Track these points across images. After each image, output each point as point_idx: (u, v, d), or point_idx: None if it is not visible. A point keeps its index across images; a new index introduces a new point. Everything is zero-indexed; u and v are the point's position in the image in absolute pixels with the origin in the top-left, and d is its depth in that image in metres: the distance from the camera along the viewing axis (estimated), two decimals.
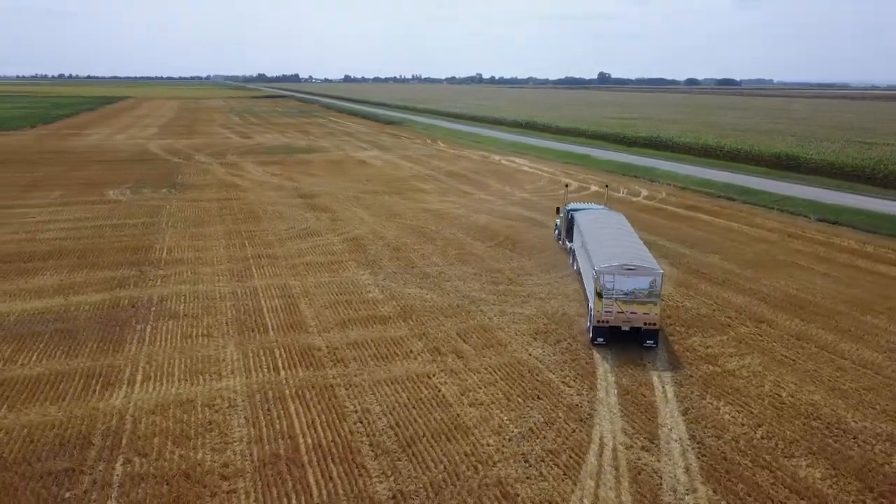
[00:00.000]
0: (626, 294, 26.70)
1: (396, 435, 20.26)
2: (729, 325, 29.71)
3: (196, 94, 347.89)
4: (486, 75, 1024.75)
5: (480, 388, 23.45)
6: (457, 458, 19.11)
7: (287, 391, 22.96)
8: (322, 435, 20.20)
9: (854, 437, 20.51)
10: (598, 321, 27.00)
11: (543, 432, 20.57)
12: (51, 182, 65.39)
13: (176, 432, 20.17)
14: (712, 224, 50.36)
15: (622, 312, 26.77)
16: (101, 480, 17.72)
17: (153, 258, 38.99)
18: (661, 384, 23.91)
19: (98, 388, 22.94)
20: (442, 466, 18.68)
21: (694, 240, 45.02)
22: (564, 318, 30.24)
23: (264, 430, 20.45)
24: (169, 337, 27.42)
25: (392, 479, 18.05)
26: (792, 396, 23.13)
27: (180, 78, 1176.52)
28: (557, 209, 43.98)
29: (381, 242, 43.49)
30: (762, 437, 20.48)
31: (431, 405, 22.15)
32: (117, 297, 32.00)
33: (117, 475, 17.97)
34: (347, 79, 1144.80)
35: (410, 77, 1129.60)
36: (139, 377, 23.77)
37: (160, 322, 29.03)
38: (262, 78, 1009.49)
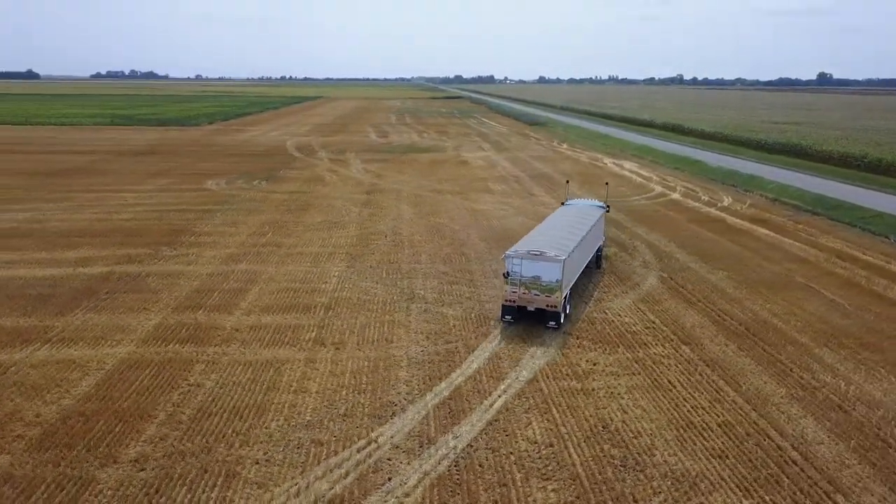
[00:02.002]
0: (530, 278, 28.53)
1: (199, 409, 21.93)
2: (646, 345, 27.73)
3: (382, 95, 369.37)
4: (688, 76, 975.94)
5: (322, 378, 24.37)
6: (225, 435, 20.39)
7: (154, 361, 25.45)
8: (138, 400, 22.40)
9: (640, 472, 18.87)
10: (506, 301, 29.26)
11: (330, 424, 21.17)
12: (172, 171, 74.33)
13: (32, 385, 23.38)
14: (761, 239, 45.87)
15: (526, 294, 28.70)
16: None
17: (180, 240, 43.69)
18: (499, 395, 23.27)
19: (17, 344, 26.95)
20: (205, 441, 20.09)
21: (718, 255, 41.54)
22: (479, 321, 29.99)
23: (100, 391, 23.06)
24: (115, 308, 31.13)
25: (153, 445, 19.78)
26: (624, 423, 21.50)
27: (385, 80, 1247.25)
28: (562, 205, 43.03)
29: (390, 238, 45.02)
30: (539, 457, 19.50)
31: (259, 388, 23.50)
32: (114, 272, 36.59)
33: None
34: (542, 80, 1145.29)
35: (606, 78, 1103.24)
36: (56, 338, 27.53)
37: (123, 294, 32.95)
38: (458, 79, 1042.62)
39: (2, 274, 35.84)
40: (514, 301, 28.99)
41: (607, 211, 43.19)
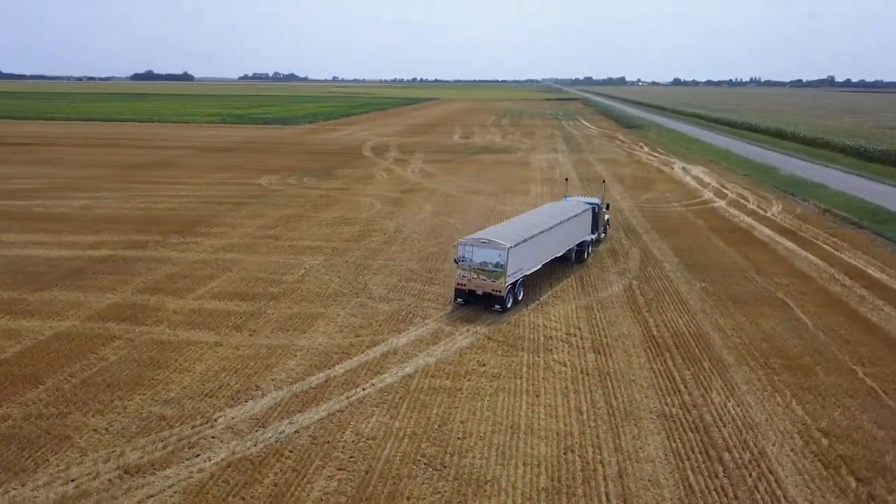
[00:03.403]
0: (479, 264, 30.86)
1: (85, 380, 23.93)
2: (551, 350, 27.15)
3: (498, 97, 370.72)
4: (841, 78, 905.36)
5: (214, 361, 25.78)
6: (88, 404, 22.22)
7: (83, 335, 27.90)
8: (41, 368, 24.76)
9: (438, 471, 18.85)
10: (458, 284, 31.75)
11: (186, 402, 22.53)
12: (236, 167, 79.07)
13: None
14: (775, 252, 42.87)
15: (475, 278, 31.03)
16: None
17: (194, 229, 46.82)
18: (364, 388, 23.73)
19: None
20: (66, 407, 22.00)
21: (712, 266, 39.36)
22: (405, 317, 30.41)
23: (17, 358, 25.62)
24: (88, 287, 34.08)
25: (21, 407, 21.96)
26: (462, 423, 21.45)
27: (514, 81, 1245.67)
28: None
29: (388, 236, 46.01)
30: (351, 449, 19.91)
31: (151, 365, 25.25)
32: (113, 255, 39.99)
33: None
34: (676, 82, 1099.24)
35: (748, 80, 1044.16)
36: (21, 310, 30.69)
37: (104, 276, 35.99)
38: (587, 81, 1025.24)
39: (22, 252, 40.13)
40: (464, 285, 31.43)
41: (605, 209, 43.16)
